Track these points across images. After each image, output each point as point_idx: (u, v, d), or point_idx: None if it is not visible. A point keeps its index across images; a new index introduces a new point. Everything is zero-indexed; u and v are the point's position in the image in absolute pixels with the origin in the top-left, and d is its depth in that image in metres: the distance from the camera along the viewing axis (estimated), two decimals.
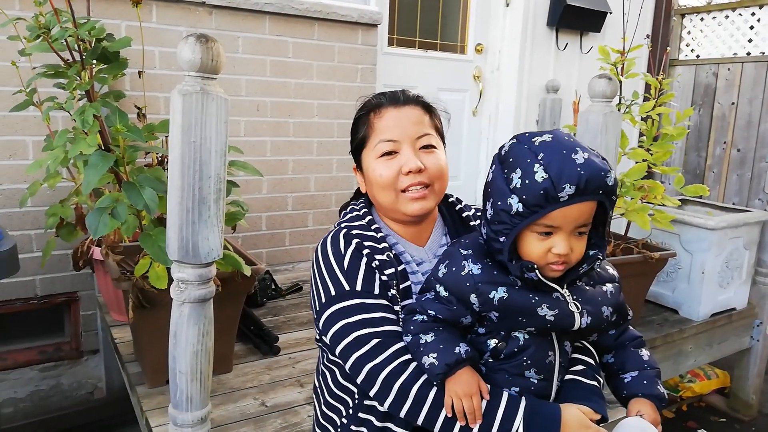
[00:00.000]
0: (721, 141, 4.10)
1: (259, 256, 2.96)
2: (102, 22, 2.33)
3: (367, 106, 1.23)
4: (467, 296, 1.03)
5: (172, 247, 1.25)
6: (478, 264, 1.04)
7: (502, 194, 0.98)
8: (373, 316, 1.07)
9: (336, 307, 1.10)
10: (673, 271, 2.66)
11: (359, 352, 1.06)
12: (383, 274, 1.11)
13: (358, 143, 1.23)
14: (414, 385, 1.03)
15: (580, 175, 0.92)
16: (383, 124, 1.18)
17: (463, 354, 1.01)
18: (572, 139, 0.98)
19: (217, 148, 1.24)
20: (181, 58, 1.19)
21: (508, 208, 0.96)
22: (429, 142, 1.18)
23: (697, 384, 3.16)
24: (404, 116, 1.18)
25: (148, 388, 1.74)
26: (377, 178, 1.16)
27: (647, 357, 1.15)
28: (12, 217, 2.30)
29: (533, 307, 1.01)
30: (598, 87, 1.87)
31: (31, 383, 2.43)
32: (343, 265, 1.11)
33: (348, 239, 1.13)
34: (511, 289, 1.02)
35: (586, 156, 0.94)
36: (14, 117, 2.22)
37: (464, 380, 1.00)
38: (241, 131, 2.82)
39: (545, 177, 0.92)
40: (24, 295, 2.35)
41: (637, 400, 1.11)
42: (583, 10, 3.73)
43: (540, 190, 0.92)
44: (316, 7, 2.87)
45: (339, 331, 1.08)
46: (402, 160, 1.15)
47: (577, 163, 0.92)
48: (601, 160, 0.96)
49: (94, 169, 1.31)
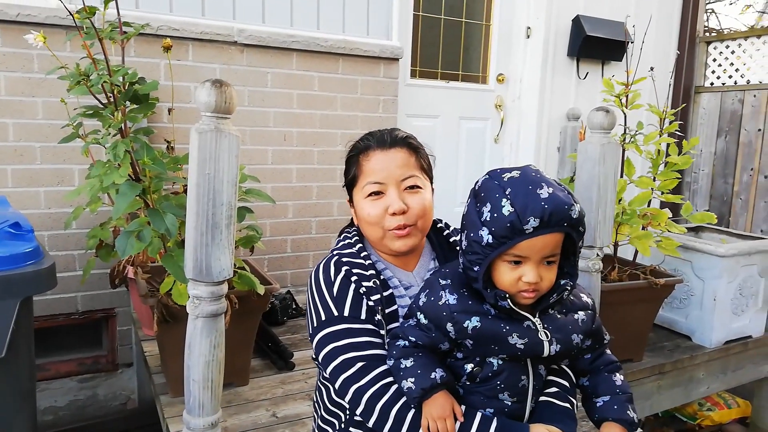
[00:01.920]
0: (747, 168, 4.08)
1: (284, 277, 3.11)
2: (143, 61, 2.59)
3: (356, 148, 1.33)
4: (444, 324, 1.10)
5: (188, 266, 1.40)
6: (455, 294, 1.11)
7: (474, 226, 1.06)
8: (359, 341, 1.17)
9: (326, 331, 1.20)
10: (686, 297, 2.68)
11: (346, 374, 1.16)
12: (370, 300, 1.20)
13: (349, 181, 1.34)
14: (394, 406, 1.12)
15: (543, 208, 0.99)
16: (371, 167, 1.27)
17: (438, 379, 1.09)
18: (540, 175, 1.06)
19: (228, 179, 1.39)
20: (198, 100, 1.36)
21: (479, 240, 1.04)
22: (414, 183, 1.26)
23: (716, 413, 3.13)
24: (390, 159, 1.26)
25: (171, 397, 1.89)
26: (366, 216, 1.26)
27: (620, 382, 1.20)
28: (58, 238, 2.53)
29: (504, 336, 1.08)
30: (596, 119, 1.95)
31: (70, 393, 2.62)
32: (332, 291, 1.21)
33: (338, 267, 1.23)
34: (484, 319, 1.09)
35: (550, 191, 1.01)
36: (63, 147, 2.45)
37: (439, 403, 1.08)
38: (269, 159, 3.00)
39: (511, 210, 1.00)
40: (66, 311, 2.57)
41: (608, 424, 1.17)
42: (603, 40, 3.82)
43: (507, 222, 1.00)
44: (340, 44, 3.05)
45: (328, 354, 1.19)
46: (388, 201, 1.24)
47: (541, 198, 1.00)
48: (566, 195, 1.03)
49: (123, 197, 1.49)
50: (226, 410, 1.85)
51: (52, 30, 2.36)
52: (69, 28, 2.35)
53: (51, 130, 2.46)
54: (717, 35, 4.43)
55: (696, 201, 4.41)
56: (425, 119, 3.66)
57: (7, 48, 2.38)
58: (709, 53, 4.41)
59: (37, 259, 1.55)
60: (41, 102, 2.46)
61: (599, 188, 1.92)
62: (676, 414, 3.35)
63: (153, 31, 2.55)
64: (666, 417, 3.41)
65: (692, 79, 4.40)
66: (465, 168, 3.88)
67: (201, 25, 2.70)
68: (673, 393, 2.59)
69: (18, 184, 2.46)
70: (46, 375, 2.56)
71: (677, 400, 2.64)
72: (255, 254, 2.64)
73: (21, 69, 2.42)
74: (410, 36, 3.51)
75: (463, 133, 3.84)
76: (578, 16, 3.83)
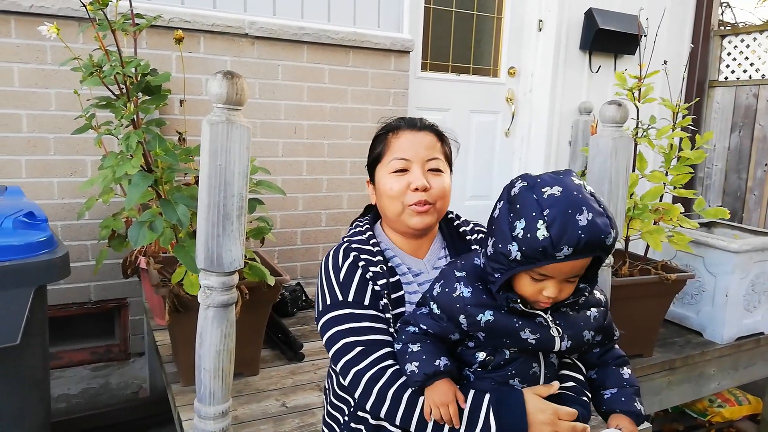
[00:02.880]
0: (762, 163, 4.04)
1: (294, 269, 3.13)
2: (155, 53, 2.60)
3: (387, 126, 1.37)
4: (457, 316, 1.12)
5: (200, 257, 1.41)
6: (469, 287, 1.12)
7: (504, 238, 1.02)
8: (360, 326, 1.20)
9: (329, 315, 1.24)
10: (698, 293, 2.66)
11: (346, 357, 1.19)
12: (376, 284, 1.23)
13: (374, 158, 1.36)
14: (390, 388, 1.15)
15: (580, 238, 0.95)
16: (399, 144, 1.30)
17: (441, 367, 1.11)
18: (582, 193, 1.00)
19: (239, 171, 1.40)
20: (210, 92, 1.36)
21: (507, 253, 1.01)
22: (437, 165, 1.30)
23: (727, 409, 3.11)
24: (418, 140, 1.30)
25: (182, 386, 1.91)
26: (387, 191, 1.29)
27: (628, 375, 1.21)
28: (71, 228, 2.55)
29: (516, 330, 1.09)
30: (609, 112, 1.94)
31: (83, 381, 2.66)
32: (339, 277, 1.25)
33: (347, 253, 1.27)
34: (497, 313, 1.09)
35: (590, 217, 0.96)
36: (76, 139, 2.47)
37: (441, 390, 1.10)
38: (279, 152, 3.01)
39: (546, 236, 0.96)
40: (79, 300, 2.60)
41: (616, 415, 1.18)
42: (615, 33, 3.78)
43: (539, 247, 0.96)
44: (351, 37, 3.05)
45: (330, 337, 1.22)
46: (411, 177, 1.27)
47: (579, 225, 0.95)
48: (604, 221, 0.98)
49: (135, 188, 1.50)
50: (236, 399, 1.86)
51: (65, 22, 2.38)
52: (82, 19, 2.37)
53: (64, 122, 2.49)
54: (732, 29, 4.38)
55: (709, 196, 4.37)
56: (436, 112, 3.65)
57: (20, 40, 2.40)
58: (723, 47, 4.36)
59: (50, 248, 1.57)
60: (54, 93, 2.48)
61: (611, 182, 1.91)
62: (686, 410, 3.34)
63: (165, 23, 2.56)
64: (676, 413, 3.39)
65: (706, 73, 4.35)
66: (475, 161, 3.87)
67: (212, 17, 2.71)
68: (684, 389, 2.57)
69: (32, 175, 2.48)
70: (60, 363, 2.60)
71: (687, 396, 2.63)
72: (266, 246, 2.66)
73: (35, 60, 2.44)
74: (421, 29, 3.50)
75: (474, 126, 3.83)
76: (591, 8, 3.80)
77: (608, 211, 1.01)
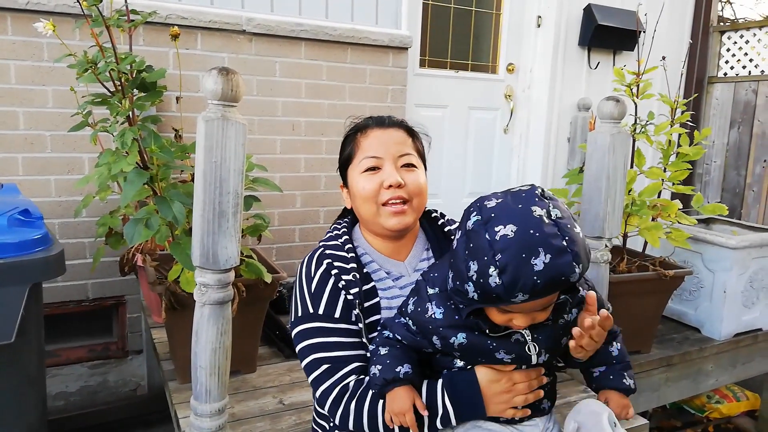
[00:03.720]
0: (761, 159, 4.03)
1: (292, 267, 3.12)
2: (152, 50, 2.60)
3: (355, 127, 1.36)
4: (430, 337, 1.11)
5: (195, 254, 1.41)
6: (441, 308, 1.09)
7: (460, 275, 0.97)
8: (327, 341, 1.20)
9: (300, 327, 1.24)
10: (696, 289, 2.66)
11: (314, 374, 1.21)
12: (349, 294, 1.21)
13: (344, 160, 1.36)
14: (352, 402, 1.16)
15: (535, 283, 0.88)
16: (368, 143, 1.29)
17: (401, 374, 1.10)
18: (540, 230, 0.90)
19: (235, 167, 1.40)
20: (205, 88, 1.36)
21: (465, 292, 0.96)
22: (410, 161, 1.28)
23: (725, 405, 3.11)
24: (388, 136, 1.29)
25: (179, 384, 1.91)
26: (360, 191, 1.27)
27: (617, 351, 1.19)
28: (68, 226, 2.55)
29: (491, 351, 1.08)
30: (606, 108, 1.94)
31: (81, 379, 2.65)
32: (311, 287, 1.24)
33: (320, 261, 1.26)
34: (471, 334, 1.07)
35: (547, 259, 0.88)
36: (73, 136, 2.46)
37: (399, 398, 1.09)
38: (277, 149, 3.00)
39: (498, 283, 0.90)
40: (77, 298, 2.59)
41: (605, 391, 1.20)
42: (614, 29, 3.77)
43: (493, 293, 0.92)
44: (349, 33, 3.04)
45: (300, 350, 1.24)
46: (384, 175, 1.25)
47: (534, 270, 0.88)
48: (566, 259, 0.89)
49: (131, 185, 1.50)
50: (233, 397, 1.86)
51: (61, 18, 2.37)
52: (78, 16, 2.35)
53: (61, 119, 2.48)
54: (731, 25, 4.37)
55: (708, 193, 4.36)
56: (434, 109, 3.65)
57: (17, 36, 2.39)
58: (722, 43, 4.35)
59: (46, 245, 1.57)
60: (51, 90, 2.47)
61: (608, 179, 1.90)
62: (684, 406, 3.34)
63: (162, 19, 2.55)
64: (674, 409, 3.40)
65: (705, 69, 4.34)
66: (474, 158, 3.86)
67: (209, 13, 2.70)
68: (682, 385, 2.58)
69: (28, 173, 2.48)
70: (57, 361, 2.60)
71: (685, 393, 2.63)
72: (263, 243, 2.65)
73: (31, 57, 2.43)
74: (419, 25, 3.49)
75: (472, 123, 3.82)
76: (590, 4, 3.78)
77: (575, 243, 0.91)
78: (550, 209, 0.93)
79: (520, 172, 3.97)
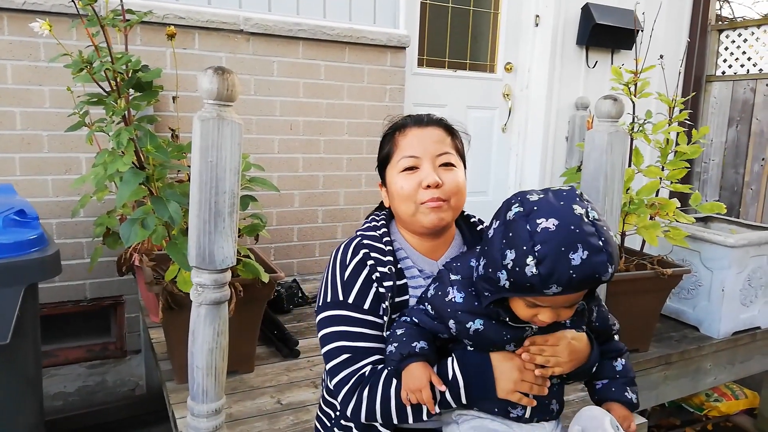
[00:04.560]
0: (759, 157, 4.03)
1: (290, 266, 3.12)
2: (150, 50, 2.59)
3: (393, 125, 1.33)
4: (447, 320, 1.12)
5: (192, 254, 1.41)
6: (462, 293, 1.11)
7: (494, 263, 0.98)
8: (353, 330, 1.19)
9: (327, 313, 1.22)
10: (694, 288, 2.66)
11: (333, 362, 1.19)
12: (382, 286, 1.20)
13: (382, 159, 1.32)
14: (365, 389, 1.16)
15: (571, 278, 0.91)
16: (406, 142, 1.26)
17: (417, 349, 1.11)
18: (581, 227, 0.93)
19: (231, 167, 1.39)
20: (200, 88, 1.35)
21: (496, 279, 0.98)
22: (448, 160, 1.25)
23: (723, 404, 3.11)
24: (426, 135, 1.26)
25: (177, 384, 1.90)
26: (398, 191, 1.24)
27: (621, 367, 1.21)
28: (66, 226, 2.54)
29: (503, 343, 1.10)
30: (604, 107, 1.94)
31: (79, 379, 2.65)
32: (344, 274, 1.22)
33: (357, 250, 1.23)
34: (488, 322, 1.09)
35: (585, 256, 0.91)
36: (70, 136, 2.46)
37: (415, 375, 1.09)
38: (275, 148, 3.00)
39: (534, 273, 0.91)
40: (75, 298, 2.59)
41: (607, 403, 1.19)
42: (612, 28, 3.77)
43: (527, 282, 0.93)
44: (347, 32, 3.03)
45: (323, 336, 1.22)
46: (422, 175, 1.22)
47: (572, 265, 0.90)
48: (601, 259, 0.92)
49: (126, 185, 1.50)
50: (231, 397, 1.86)
51: (58, 18, 2.36)
52: (74, 16, 2.34)
53: (58, 119, 2.47)
54: (729, 23, 4.37)
55: (706, 191, 4.36)
56: (432, 108, 3.59)
57: (13, 36, 2.39)
58: (720, 41, 4.34)
59: (41, 246, 1.56)
60: (48, 90, 2.47)
61: (606, 178, 1.90)
62: (682, 404, 3.34)
63: (159, 19, 2.55)
64: (672, 407, 3.40)
65: (703, 67, 4.34)
66: (472, 158, 3.80)
67: (207, 13, 2.70)
68: (680, 383, 2.58)
69: (26, 173, 2.47)
70: (56, 361, 2.59)
71: (684, 391, 2.63)
72: (261, 243, 2.64)
73: (28, 57, 2.42)
74: (417, 24, 3.48)
75: (471, 122, 3.81)
76: (587, 3, 3.78)
77: (610, 244, 0.94)
78: (589, 210, 0.96)
79: (518, 171, 3.97)
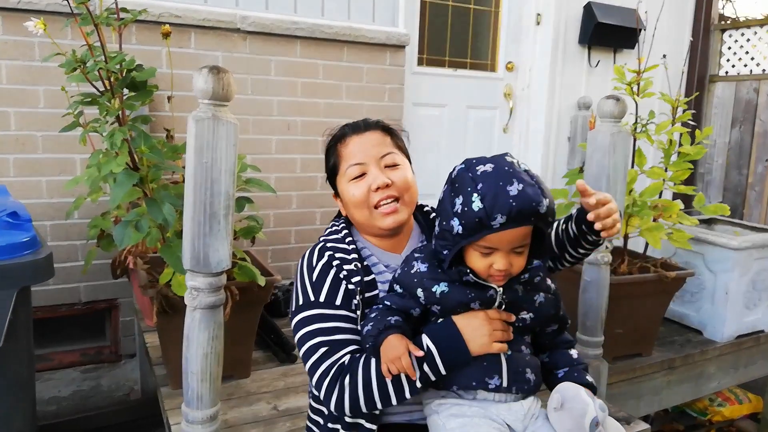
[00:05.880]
0: (763, 158, 4.00)
1: (288, 269, 3.08)
2: (145, 49, 2.56)
3: (333, 138, 1.38)
4: (415, 290, 1.19)
5: (186, 257, 1.37)
6: (426, 264, 1.20)
7: (446, 215, 1.10)
8: (327, 326, 1.21)
9: (300, 316, 1.24)
10: (697, 291, 2.63)
11: (311, 359, 1.20)
12: (350, 283, 1.23)
13: (330, 171, 1.37)
14: (346, 378, 1.16)
15: (511, 206, 1.02)
16: (348, 151, 1.31)
17: (392, 321, 1.15)
18: (512, 168, 1.07)
19: (226, 168, 1.36)
20: (195, 87, 1.32)
21: (450, 229, 1.09)
22: (393, 160, 1.30)
23: (727, 408, 3.08)
24: (366, 140, 1.32)
25: (171, 389, 1.87)
26: (351, 198, 1.29)
27: (576, 355, 1.29)
28: (60, 228, 2.51)
29: (468, 302, 1.17)
30: (606, 107, 1.91)
31: (74, 383, 2.61)
32: (312, 277, 1.26)
33: (321, 253, 1.28)
34: (452, 285, 1.17)
35: (520, 187, 1.03)
36: (65, 137, 2.41)
37: (392, 344, 1.12)
38: (273, 149, 2.97)
39: (480, 207, 1.04)
40: (69, 301, 2.55)
41: None
42: (614, 27, 3.73)
43: (475, 218, 1.04)
44: (345, 31, 3.00)
45: (300, 338, 1.24)
46: (370, 179, 1.27)
47: (510, 195, 1.02)
48: (535, 190, 1.05)
49: (120, 186, 1.46)
50: (226, 403, 1.82)
51: (53, 17, 2.32)
52: (69, 15, 2.31)
53: (53, 119, 2.43)
54: (732, 23, 4.33)
55: (709, 192, 4.33)
56: (432, 108, 3.61)
57: (8, 36, 2.36)
58: (723, 41, 4.31)
59: (34, 248, 1.53)
60: (43, 90, 2.44)
61: (609, 179, 1.87)
62: (686, 409, 3.31)
63: (155, 18, 2.51)
64: (676, 412, 3.36)
65: (706, 67, 4.31)
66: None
67: (203, 12, 2.66)
68: (684, 388, 2.54)
69: (20, 174, 2.44)
70: (50, 365, 2.56)
71: (687, 396, 2.60)
72: (258, 245, 2.61)
73: (22, 57, 2.39)
74: (417, 23, 3.45)
75: (471, 122, 3.78)
76: (589, 2, 3.75)
77: (541, 184, 1.07)
78: (519, 162, 1.10)
79: None
